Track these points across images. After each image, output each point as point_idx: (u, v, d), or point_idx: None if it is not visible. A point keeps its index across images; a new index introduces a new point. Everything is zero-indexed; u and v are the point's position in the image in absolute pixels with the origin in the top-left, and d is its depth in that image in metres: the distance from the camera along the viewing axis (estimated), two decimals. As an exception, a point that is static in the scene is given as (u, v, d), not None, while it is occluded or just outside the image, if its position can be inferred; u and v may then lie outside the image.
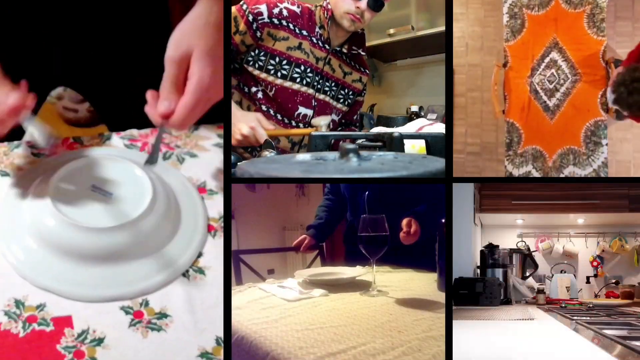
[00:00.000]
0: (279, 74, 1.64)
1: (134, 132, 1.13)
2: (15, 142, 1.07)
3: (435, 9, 2.48)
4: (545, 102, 1.75)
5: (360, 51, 1.78)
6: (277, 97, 1.65)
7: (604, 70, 1.71)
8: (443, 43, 1.57)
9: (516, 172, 1.77)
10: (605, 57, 1.71)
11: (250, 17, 1.59)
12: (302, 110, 1.68)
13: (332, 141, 1.28)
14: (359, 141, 1.26)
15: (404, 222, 1.49)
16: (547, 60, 1.75)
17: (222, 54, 0.97)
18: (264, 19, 1.60)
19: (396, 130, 1.40)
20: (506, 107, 1.78)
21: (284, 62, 1.63)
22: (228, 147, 1.14)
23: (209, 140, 1.14)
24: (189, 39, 0.94)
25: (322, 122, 1.56)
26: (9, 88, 0.90)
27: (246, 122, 1.49)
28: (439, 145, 1.26)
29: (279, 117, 1.67)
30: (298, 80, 1.65)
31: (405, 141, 1.25)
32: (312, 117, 1.70)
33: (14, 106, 0.88)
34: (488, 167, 2.03)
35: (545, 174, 1.77)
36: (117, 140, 1.11)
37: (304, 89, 1.66)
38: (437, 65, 2.66)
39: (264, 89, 1.65)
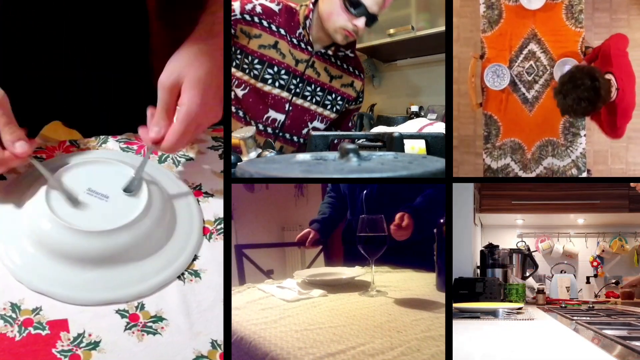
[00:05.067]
0: (251, 74, 1.58)
1: (130, 135, 1.12)
2: None
3: (435, 9, 2.48)
4: (523, 94, 1.75)
5: (348, 52, 1.72)
6: (248, 98, 1.60)
7: (582, 61, 1.70)
8: (443, 43, 1.57)
9: (495, 165, 1.77)
10: (583, 48, 1.71)
11: None
12: (272, 114, 1.62)
13: (332, 141, 1.28)
14: (359, 141, 1.26)
15: (397, 215, 1.46)
16: (525, 51, 1.74)
17: (215, 83, 0.98)
18: (235, 15, 1.55)
19: (396, 130, 1.40)
20: (484, 100, 1.77)
21: (256, 61, 1.58)
22: (228, 147, 1.14)
23: (205, 143, 1.14)
24: (181, 67, 0.96)
25: (244, 134, 1.42)
26: (15, 131, 0.90)
27: None
28: (439, 145, 1.26)
29: (247, 118, 1.63)
30: (270, 82, 1.60)
31: (405, 142, 1.24)
32: (284, 122, 1.65)
33: (21, 153, 0.90)
34: (466, 161, 2.03)
35: (524, 166, 1.77)
36: (113, 143, 1.11)
37: (276, 91, 1.61)
38: (437, 65, 2.66)
39: (236, 88, 1.59)
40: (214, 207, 1.04)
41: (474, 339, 1.10)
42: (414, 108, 2.66)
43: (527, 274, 2.03)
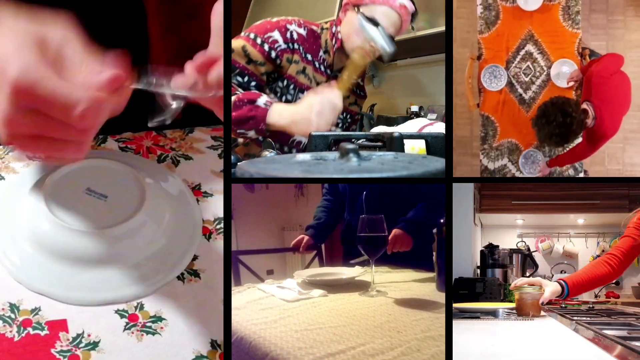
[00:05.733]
0: (283, 99, 1.59)
1: (129, 134, 1.12)
2: (11, 146, 1.06)
3: (435, 9, 2.48)
4: (520, 95, 1.75)
5: (359, 81, 1.75)
6: None
7: (579, 62, 1.71)
8: (443, 43, 1.57)
9: (492, 166, 1.77)
10: (580, 49, 1.71)
11: (267, 47, 1.54)
12: (297, 137, 1.61)
13: (332, 141, 1.28)
14: (359, 141, 1.26)
15: (390, 238, 1.45)
16: (522, 52, 1.75)
17: None
18: (280, 45, 1.55)
19: (396, 130, 1.40)
20: (481, 101, 1.77)
21: (291, 86, 1.59)
22: (228, 147, 1.13)
23: (204, 142, 1.14)
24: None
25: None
26: (101, 58, 0.70)
27: (310, 103, 1.40)
28: (439, 146, 1.26)
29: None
30: None
31: (405, 142, 1.24)
32: (307, 144, 1.65)
33: (113, 76, 0.68)
34: (463, 162, 2.03)
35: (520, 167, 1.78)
36: (112, 142, 1.11)
37: None
38: (437, 65, 2.66)
39: None
40: (214, 207, 1.04)
41: (474, 339, 1.10)
42: (414, 108, 2.66)
43: (527, 274, 2.03)
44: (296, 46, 1.58)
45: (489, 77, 1.75)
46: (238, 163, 0.91)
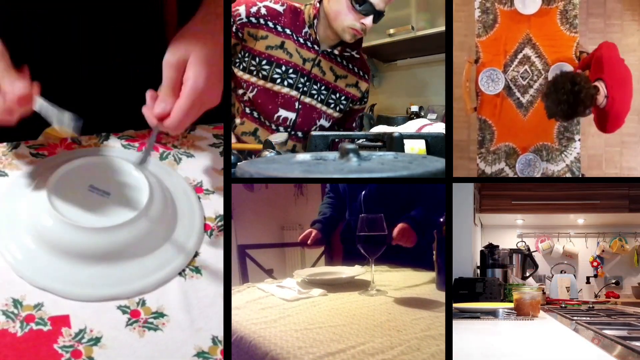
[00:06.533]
0: (260, 75, 1.60)
1: (132, 132, 1.13)
2: (14, 143, 1.07)
3: (435, 9, 2.48)
4: (518, 98, 1.75)
5: (354, 53, 1.72)
6: (258, 99, 1.62)
7: (577, 66, 1.71)
8: (443, 43, 1.57)
9: (489, 170, 1.77)
10: (578, 53, 1.72)
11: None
12: (283, 113, 1.64)
13: (332, 141, 1.28)
14: (359, 141, 1.26)
15: (395, 230, 1.45)
16: (520, 56, 1.75)
17: (218, 61, 0.98)
18: (242, 19, 1.57)
19: (396, 130, 1.40)
20: (478, 104, 1.77)
21: (264, 62, 1.60)
22: (228, 147, 1.14)
23: (205, 140, 1.14)
24: (187, 44, 0.96)
25: (277, 140, 1.49)
26: (15, 76, 0.90)
27: None
28: (439, 145, 1.26)
29: (262, 119, 1.65)
30: (279, 81, 1.61)
31: (405, 142, 1.24)
32: (295, 120, 1.66)
33: (21, 95, 0.88)
34: (460, 166, 2.03)
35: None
36: (114, 140, 1.11)
37: (285, 90, 1.62)
38: (437, 65, 2.66)
39: (245, 91, 1.62)
40: (215, 204, 1.04)
41: (474, 339, 1.10)
42: (414, 108, 2.66)
43: (527, 274, 2.04)
44: (262, 21, 1.59)
45: (486, 81, 1.75)
46: (238, 163, 0.92)
